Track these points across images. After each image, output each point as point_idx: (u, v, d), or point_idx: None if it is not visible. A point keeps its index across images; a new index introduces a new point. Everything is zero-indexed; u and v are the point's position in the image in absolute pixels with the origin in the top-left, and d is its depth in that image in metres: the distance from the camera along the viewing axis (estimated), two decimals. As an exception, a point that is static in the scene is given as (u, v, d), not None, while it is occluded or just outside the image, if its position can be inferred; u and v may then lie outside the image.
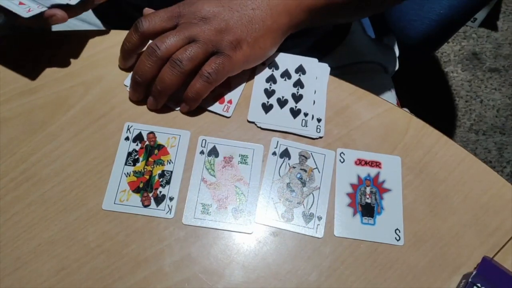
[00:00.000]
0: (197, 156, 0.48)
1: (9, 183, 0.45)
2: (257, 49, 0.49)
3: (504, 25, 1.50)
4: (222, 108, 0.50)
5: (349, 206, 0.46)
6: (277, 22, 0.49)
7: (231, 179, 0.47)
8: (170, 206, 0.45)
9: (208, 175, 0.47)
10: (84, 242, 0.43)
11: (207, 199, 0.46)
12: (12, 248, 0.43)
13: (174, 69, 0.46)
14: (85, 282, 0.42)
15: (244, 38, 0.47)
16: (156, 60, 0.46)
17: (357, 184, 0.48)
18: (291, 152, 0.49)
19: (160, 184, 0.46)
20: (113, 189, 0.45)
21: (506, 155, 1.30)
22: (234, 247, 0.44)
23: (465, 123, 1.34)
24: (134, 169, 0.47)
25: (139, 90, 0.48)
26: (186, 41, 0.46)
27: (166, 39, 0.46)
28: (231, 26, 0.47)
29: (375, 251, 0.44)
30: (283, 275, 0.43)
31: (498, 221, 0.46)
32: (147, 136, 0.48)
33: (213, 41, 0.46)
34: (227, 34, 0.47)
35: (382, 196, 0.47)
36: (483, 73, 1.42)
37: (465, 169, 0.49)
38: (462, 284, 0.43)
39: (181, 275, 0.43)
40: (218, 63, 0.47)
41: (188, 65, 0.46)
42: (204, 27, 0.46)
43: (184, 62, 0.46)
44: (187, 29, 0.46)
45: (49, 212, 0.44)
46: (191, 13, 0.47)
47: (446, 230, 0.46)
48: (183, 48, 0.46)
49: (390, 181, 0.48)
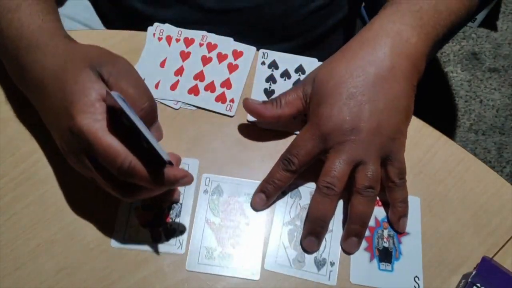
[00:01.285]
0: (201, 196, 0.46)
1: (8, 183, 0.45)
2: (409, 118, 0.46)
3: (503, 25, 1.50)
4: (225, 108, 0.50)
5: (365, 250, 0.44)
6: (412, 85, 0.45)
7: (237, 220, 0.45)
8: (180, 241, 0.43)
9: (212, 216, 0.45)
10: (83, 242, 0.43)
11: (211, 242, 0.44)
12: (12, 248, 0.43)
13: (368, 197, 0.43)
14: (85, 282, 0.42)
15: (399, 120, 0.44)
16: (335, 197, 0.43)
17: (374, 226, 0.45)
18: (302, 192, 0.46)
19: (170, 218, 0.45)
20: (122, 224, 0.44)
21: (505, 155, 1.30)
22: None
23: (465, 123, 1.34)
24: (143, 203, 0.45)
25: (321, 235, 0.44)
26: (354, 164, 0.43)
27: (335, 173, 0.42)
28: (383, 120, 0.43)
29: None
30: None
31: (498, 221, 0.46)
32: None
33: (378, 150, 0.43)
34: (385, 132, 0.43)
35: (400, 240, 0.45)
36: (482, 73, 1.42)
37: (464, 169, 0.49)
38: (461, 284, 0.43)
39: (180, 275, 0.43)
40: (398, 165, 0.44)
41: (378, 187, 0.43)
42: (361, 144, 0.42)
43: (375, 186, 0.43)
44: (346, 153, 0.42)
45: (49, 212, 0.44)
46: (335, 129, 0.43)
47: (445, 230, 0.46)
48: (361, 175, 0.42)
49: (409, 224, 0.45)
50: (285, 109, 0.46)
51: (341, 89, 0.43)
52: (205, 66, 0.52)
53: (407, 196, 0.45)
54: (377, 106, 0.43)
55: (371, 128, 0.42)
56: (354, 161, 0.43)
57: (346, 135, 0.42)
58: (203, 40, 0.53)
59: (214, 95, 0.50)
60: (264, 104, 0.47)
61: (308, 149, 0.44)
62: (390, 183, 0.44)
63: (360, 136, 0.42)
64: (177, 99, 0.50)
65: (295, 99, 0.46)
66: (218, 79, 0.51)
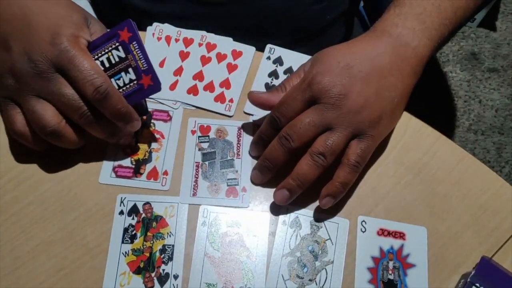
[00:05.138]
0: (199, 229, 0.44)
1: (8, 183, 0.45)
2: (394, 118, 0.46)
3: (502, 25, 1.50)
4: (224, 108, 0.50)
5: (370, 282, 0.43)
6: (407, 85, 0.46)
7: (237, 253, 0.44)
8: (175, 286, 0.42)
9: (212, 250, 0.43)
10: (83, 242, 0.43)
11: (211, 278, 0.42)
12: (11, 248, 0.43)
13: (316, 162, 0.42)
14: (84, 282, 0.42)
15: (383, 111, 0.44)
16: (290, 150, 0.43)
17: (379, 257, 0.44)
18: (302, 221, 0.45)
19: (162, 261, 0.43)
20: (112, 272, 0.42)
21: (504, 155, 1.30)
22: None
23: (464, 123, 1.35)
24: (133, 247, 0.43)
25: (268, 175, 0.46)
26: (321, 129, 0.43)
27: (299, 129, 0.43)
28: (370, 102, 0.43)
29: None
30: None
31: (497, 221, 0.46)
32: (143, 207, 0.45)
33: (353, 126, 0.43)
34: (367, 113, 0.43)
35: (406, 272, 0.43)
36: (481, 73, 1.42)
37: (464, 169, 0.49)
38: (461, 283, 0.43)
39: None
40: (364, 148, 0.43)
41: (330, 159, 0.42)
42: (339, 111, 0.42)
43: (328, 157, 0.42)
44: (321, 115, 0.42)
45: (48, 212, 0.44)
46: (323, 92, 0.43)
47: (445, 230, 0.46)
48: (322, 140, 0.43)
49: (415, 255, 0.44)
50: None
51: (339, 59, 0.44)
52: (204, 66, 0.52)
53: (350, 183, 0.44)
54: (369, 86, 0.43)
55: (356, 103, 0.43)
56: (324, 125, 0.43)
57: (331, 98, 0.42)
58: (202, 40, 0.53)
59: (213, 95, 0.50)
60: (269, 93, 0.47)
61: (294, 107, 0.44)
62: (344, 159, 0.43)
63: (343, 104, 0.42)
64: (176, 99, 0.50)
65: (297, 79, 0.46)
66: (217, 79, 0.51)
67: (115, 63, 0.42)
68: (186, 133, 0.49)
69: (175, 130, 0.49)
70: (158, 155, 0.47)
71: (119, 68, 0.42)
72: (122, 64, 0.42)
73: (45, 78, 0.40)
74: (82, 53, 0.40)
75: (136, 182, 0.46)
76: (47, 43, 0.40)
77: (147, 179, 0.46)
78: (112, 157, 0.47)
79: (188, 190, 0.46)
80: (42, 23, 0.41)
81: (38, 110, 0.41)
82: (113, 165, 0.47)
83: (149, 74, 0.42)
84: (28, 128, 0.42)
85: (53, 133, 0.41)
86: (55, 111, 0.41)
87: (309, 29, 0.65)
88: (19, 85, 0.41)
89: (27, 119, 0.42)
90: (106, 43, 0.42)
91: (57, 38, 0.40)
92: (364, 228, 0.45)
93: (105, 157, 0.47)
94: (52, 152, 0.46)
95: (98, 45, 0.43)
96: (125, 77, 0.42)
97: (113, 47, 0.42)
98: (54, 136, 0.42)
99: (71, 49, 0.40)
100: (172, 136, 0.48)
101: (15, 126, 0.42)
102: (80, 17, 0.43)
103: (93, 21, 0.44)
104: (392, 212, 0.46)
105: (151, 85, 0.43)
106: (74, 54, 0.40)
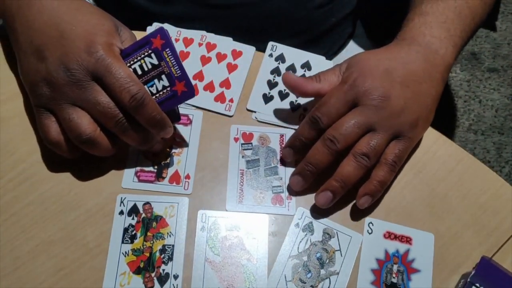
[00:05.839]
0: (198, 234, 0.44)
1: (8, 183, 0.45)
2: (428, 122, 0.47)
3: (502, 25, 1.50)
4: (224, 107, 0.50)
5: (372, 284, 0.43)
6: (437, 91, 0.47)
7: (237, 256, 0.44)
8: (175, 286, 0.42)
9: (212, 255, 0.43)
10: (83, 242, 0.43)
11: (213, 283, 0.42)
12: (11, 248, 0.43)
13: (360, 163, 0.43)
14: (84, 282, 0.42)
15: (420, 115, 0.45)
16: (335, 152, 0.43)
17: (383, 260, 0.44)
18: (315, 227, 0.45)
19: (162, 261, 0.43)
20: (112, 272, 0.42)
21: (504, 155, 1.30)
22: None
23: (464, 123, 1.35)
24: (133, 247, 0.43)
25: (309, 180, 0.45)
26: (364, 130, 0.44)
27: (343, 130, 0.43)
28: (409, 105, 0.45)
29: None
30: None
31: (497, 221, 0.46)
32: (143, 207, 0.45)
33: (394, 127, 0.44)
34: (406, 115, 0.44)
35: (410, 277, 0.43)
36: (481, 73, 1.42)
37: (463, 169, 0.49)
38: (461, 283, 0.43)
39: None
40: (402, 149, 0.44)
41: (374, 160, 0.43)
42: (382, 113, 0.44)
43: (372, 157, 0.43)
44: (366, 117, 0.44)
45: (48, 212, 0.44)
46: (366, 94, 0.44)
47: (444, 230, 0.46)
48: (365, 141, 0.43)
49: (420, 260, 0.44)
50: (324, 84, 0.47)
51: (378, 65, 0.46)
52: (204, 66, 0.52)
53: (387, 181, 0.45)
54: (407, 91, 0.45)
55: (398, 105, 0.44)
56: (368, 126, 0.44)
57: (374, 99, 0.44)
58: (202, 40, 0.53)
59: (213, 95, 0.50)
60: (304, 78, 0.47)
61: (337, 108, 0.44)
62: (382, 159, 0.44)
63: (386, 106, 0.44)
64: (176, 99, 0.50)
65: (332, 76, 0.47)
66: (217, 79, 0.51)
67: (147, 70, 0.42)
68: (206, 137, 0.49)
69: (195, 133, 0.49)
70: (179, 159, 0.47)
71: (152, 75, 0.43)
72: (155, 71, 0.42)
73: (81, 87, 0.40)
74: (117, 60, 0.40)
75: (159, 186, 0.46)
76: (82, 52, 0.40)
77: (169, 183, 0.46)
78: (134, 163, 0.47)
79: (234, 197, 0.46)
80: (75, 32, 0.41)
81: (74, 119, 0.41)
82: (135, 170, 0.47)
83: (182, 80, 0.42)
84: (63, 137, 0.42)
85: (89, 141, 0.41)
86: (91, 119, 0.41)
87: (312, 32, 0.65)
88: (54, 94, 0.41)
89: (61, 127, 0.42)
90: (139, 51, 0.42)
91: (92, 46, 0.40)
92: (370, 229, 0.45)
93: (127, 162, 0.47)
94: (52, 152, 0.46)
95: (130, 53, 0.43)
96: (158, 84, 0.43)
97: (146, 54, 0.42)
98: (89, 144, 0.42)
99: (107, 57, 0.40)
100: (193, 139, 0.48)
101: (49, 135, 0.42)
102: (111, 25, 0.43)
103: (123, 29, 0.45)
104: (392, 212, 0.46)
105: (185, 91, 0.43)
106: (110, 62, 0.40)
